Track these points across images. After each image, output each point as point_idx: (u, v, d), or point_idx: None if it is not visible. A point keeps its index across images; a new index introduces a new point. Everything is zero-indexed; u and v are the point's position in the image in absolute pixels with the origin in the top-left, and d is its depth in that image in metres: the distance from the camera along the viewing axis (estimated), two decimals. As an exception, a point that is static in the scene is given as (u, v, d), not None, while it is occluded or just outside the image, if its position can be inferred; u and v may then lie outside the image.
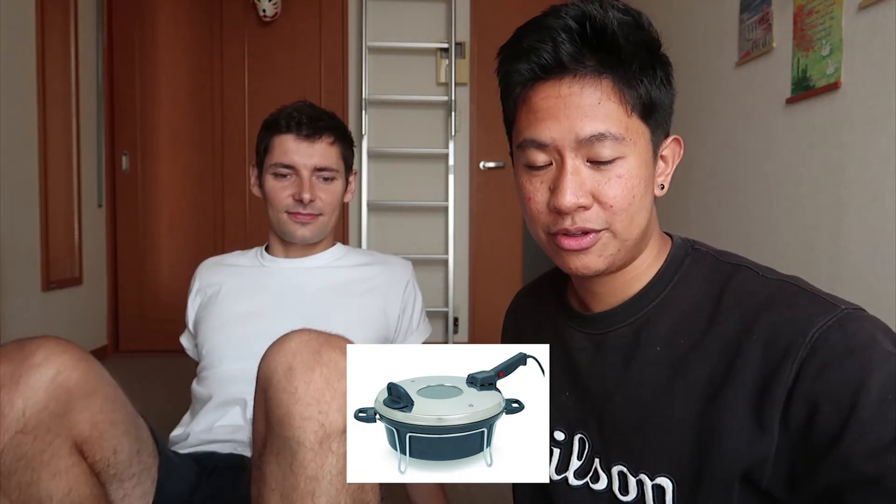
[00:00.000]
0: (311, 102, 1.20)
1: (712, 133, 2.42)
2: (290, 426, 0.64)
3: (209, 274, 1.22)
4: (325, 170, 1.15)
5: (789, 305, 0.54)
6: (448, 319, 3.37)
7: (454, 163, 3.32)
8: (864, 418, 0.47)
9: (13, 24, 2.50)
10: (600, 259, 0.60)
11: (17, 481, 0.68)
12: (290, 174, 1.13)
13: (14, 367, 0.70)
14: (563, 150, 0.58)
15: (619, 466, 0.63)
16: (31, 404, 0.69)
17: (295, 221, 1.14)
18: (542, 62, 0.58)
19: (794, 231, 1.91)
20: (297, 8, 3.35)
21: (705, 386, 0.57)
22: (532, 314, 0.80)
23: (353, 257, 1.24)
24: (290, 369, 0.66)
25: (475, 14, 3.41)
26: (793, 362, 0.51)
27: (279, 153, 1.13)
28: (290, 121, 1.13)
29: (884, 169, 1.54)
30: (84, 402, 0.74)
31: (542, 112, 0.59)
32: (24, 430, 0.68)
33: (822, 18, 1.75)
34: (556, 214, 0.59)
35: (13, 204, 2.48)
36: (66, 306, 2.87)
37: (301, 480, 0.65)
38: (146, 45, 3.31)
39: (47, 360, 0.72)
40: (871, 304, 1.66)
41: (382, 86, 3.38)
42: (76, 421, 0.73)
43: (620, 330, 0.64)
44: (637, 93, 0.58)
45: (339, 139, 1.18)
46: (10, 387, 0.69)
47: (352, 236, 3.43)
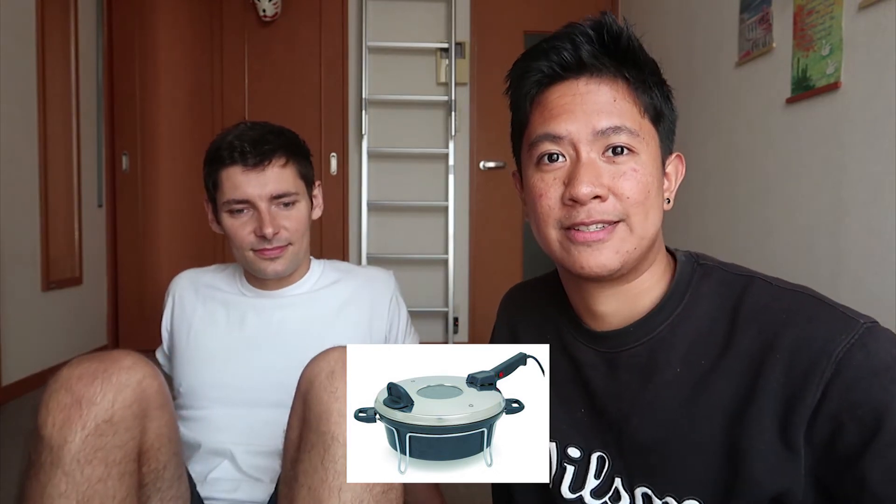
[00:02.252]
0: (252, 122, 1.07)
1: (712, 133, 2.42)
2: (328, 421, 0.69)
3: (185, 292, 1.14)
4: (284, 196, 1.02)
5: (808, 320, 0.54)
6: (448, 319, 3.37)
7: (454, 163, 3.32)
8: (886, 440, 0.49)
9: (13, 24, 2.50)
10: (616, 255, 0.59)
11: (90, 474, 0.70)
12: (246, 208, 1.02)
13: (106, 365, 0.75)
14: (578, 144, 0.59)
15: (643, 488, 0.62)
16: (120, 399, 0.73)
17: (263, 258, 1.03)
18: (562, 60, 0.60)
19: (794, 231, 1.91)
20: (297, 8, 3.35)
21: (728, 406, 0.56)
22: (529, 312, 0.79)
23: (331, 276, 1.15)
24: (332, 373, 0.72)
25: (475, 14, 3.41)
26: (818, 382, 0.51)
27: (229, 188, 1.01)
28: (232, 151, 1.00)
29: (884, 169, 1.54)
30: (156, 412, 0.79)
31: (559, 108, 0.60)
32: (111, 421, 0.72)
33: (822, 18, 1.75)
34: (570, 207, 0.59)
35: (13, 204, 2.48)
36: (66, 306, 2.88)
37: (330, 475, 0.68)
38: (146, 45, 3.32)
39: (135, 365, 0.77)
40: (871, 304, 1.66)
41: (382, 86, 3.38)
42: (147, 428, 0.78)
43: (634, 349, 0.63)
44: (649, 97, 0.61)
45: (292, 157, 1.05)
46: (104, 379, 0.73)
47: (352, 236, 3.43)
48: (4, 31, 2.43)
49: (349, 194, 3.42)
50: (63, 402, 0.71)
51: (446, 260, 3.35)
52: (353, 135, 3.40)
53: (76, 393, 0.72)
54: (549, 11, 3.39)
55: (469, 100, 3.41)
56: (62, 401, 0.72)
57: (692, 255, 0.66)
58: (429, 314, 3.43)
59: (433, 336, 3.44)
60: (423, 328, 3.41)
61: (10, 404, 2.41)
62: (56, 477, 0.69)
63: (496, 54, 3.38)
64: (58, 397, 0.72)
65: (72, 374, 0.74)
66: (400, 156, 3.40)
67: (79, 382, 0.73)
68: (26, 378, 2.55)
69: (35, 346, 2.63)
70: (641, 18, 3.15)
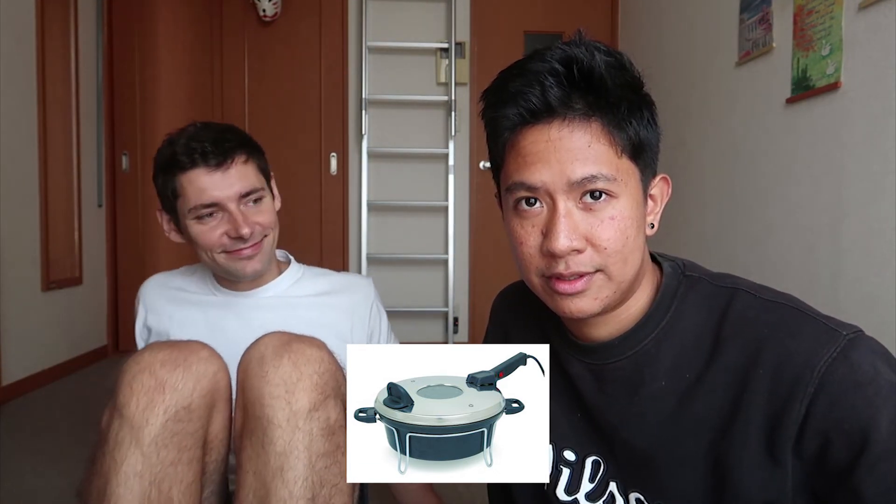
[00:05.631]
0: (203, 123, 1.03)
1: (712, 133, 2.42)
2: (262, 405, 0.72)
3: (155, 298, 1.12)
4: (252, 193, 0.99)
5: (791, 334, 0.54)
6: (448, 319, 3.37)
7: (454, 163, 3.32)
8: (875, 454, 0.49)
9: (13, 24, 2.50)
10: (595, 302, 0.59)
11: (164, 457, 0.73)
12: (215, 212, 0.98)
13: (185, 354, 0.78)
14: (554, 194, 0.57)
15: (637, 493, 0.63)
16: (199, 388, 0.76)
17: (239, 259, 0.99)
18: (530, 106, 0.57)
19: (793, 231, 1.91)
20: (297, 8, 3.35)
21: (714, 419, 0.57)
22: (521, 317, 0.79)
23: (311, 283, 1.12)
24: (262, 357, 0.75)
25: (475, 14, 3.41)
26: (802, 397, 0.51)
27: (194, 194, 0.96)
28: (192, 154, 0.96)
29: (884, 169, 1.54)
30: (223, 405, 0.82)
31: (532, 156, 0.57)
32: (189, 408, 0.75)
33: (822, 18, 1.75)
34: (549, 258, 0.59)
35: (13, 204, 2.48)
36: (66, 306, 2.88)
37: (272, 457, 0.71)
38: (146, 45, 3.32)
39: (211, 357, 0.80)
40: (871, 305, 1.66)
41: (382, 86, 3.38)
42: (215, 420, 0.81)
43: (619, 363, 0.64)
44: (626, 134, 0.57)
45: (251, 153, 1.02)
46: (184, 367, 0.76)
47: (352, 236, 3.43)
48: (4, 31, 2.43)
49: (349, 194, 3.42)
50: (147, 385, 0.74)
51: (446, 260, 3.35)
52: (353, 135, 3.40)
53: (160, 377, 0.75)
54: (549, 11, 3.39)
55: (469, 100, 3.41)
56: (146, 383, 0.74)
57: (679, 265, 0.66)
58: (429, 314, 3.43)
59: (433, 336, 3.44)
60: (423, 328, 3.43)
61: (10, 404, 2.41)
62: (133, 456, 0.72)
63: (496, 54, 3.38)
64: (142, 379, 0.75)
65: (155, 358, 0.76)
66: (400, 156, 3.40)
67: (162, 368, 0.75)
68: (26, 378, 2.55)
69: (35, 346, 2.63)
70: (641, 19, 3.16)
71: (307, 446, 0.71)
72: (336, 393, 0.77)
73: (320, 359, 0.77)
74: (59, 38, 2.84)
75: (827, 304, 1.58)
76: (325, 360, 0.77)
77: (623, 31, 3.37)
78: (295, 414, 0.71)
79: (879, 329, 1.50)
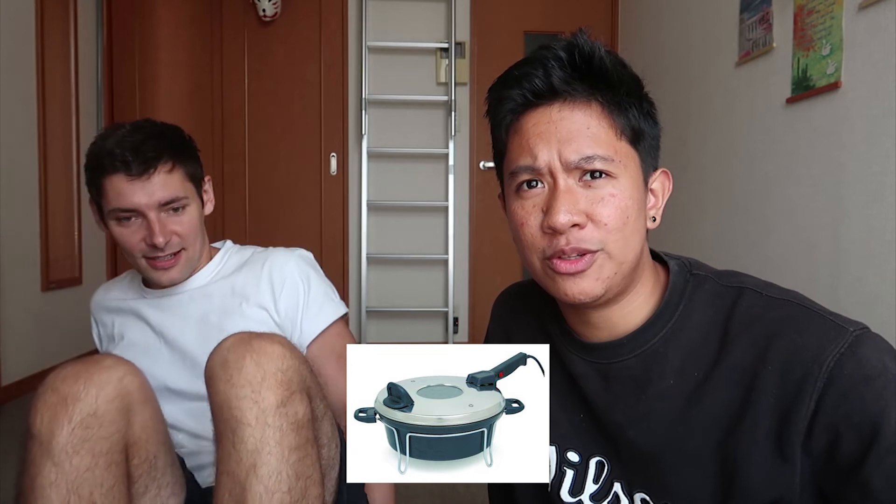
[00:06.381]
0: (133, 124, 1.01)
1: (712, 133, 2.42)
2: (230, 408, 0.73)
3: (100, 311, 1.15)
4: (172, 202, 0.99)
5: (799, 331, 0.55)
6: (448, 319, 3.37)
7: (454, 163, 3.32)
8: (885, 447, 0.49)
9: (13, 24, 2.50)
10: (598, 283, 0.59)
11: (78, 464, 0.75)
12: (134, 216, 0.98)
13: (88, 366, 0.80)
14: (555, 172, 0.59)
15: (642, 494, 0.63)
16: (103, 394, 0.78)
17: (157, 268, 1.01)
18: (533, 87, 0.60)
19: (793, 231, 1.91)
20: (297, 8, 3.35)
21: (722, 417, 0.57)
22: (522, 317, 0.79)
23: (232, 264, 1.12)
24: (225, 361, 0.75)
25: (475, 14, 3.41)
26: (811, 393, 0.52)
27: (114, 197, 0.96)
28: (113, 160, 0.95)
29: (884, 169, 1.54)
30: (139, 408, 0.83)
31: (534, 137, 0.60)
32: (96, 415, 0.76)
33: (822, 18, 1.75)
34: (550, 236, 0.59)
35: (13, 204, 2.48)
36: (66, 306, 2.88)
37: (244, 455, 0.72)
38: (146, 45, 3.32)
39: (115, 364, 0.82)
40: (871, 305, 1.66)
41: (382, 86, 3.38)
42: (132, 422, 0.82)
43: (627, 362, 0.64)
44: (626, 118, 0.60)
45: (179, 160, 1.01)
46: (86, 378, 0.78)
47: (352, 236, 3.43)
48: (4, 31, 2.43)
49: (349, 194, 3.42)
50: (50, 402, 0.76)
51: (446, 260, 3.35)
52: (353, 135, 3.40)
53: (61, 392, 0.77)
54: (549, 11, 3.39)
55: (469, 100, 3.41)
56: (49, 400, 0.77)
57: (685, 263, 0.66)
58: (429, 314, 3.43)
59: (433, 336, 3.44)
60: (423, 328, 3.43)
61: (10, 404, 2.42)
62: (46, 468, 0.74)
63: (496, 54, 3.38)
64: (45, 398, 0.77)
65: (56, 376, 0.79)
66: (400, 156, 3.40)
67: (63, 383, 0.77)
68: (26, 378, 2.55)
69: (35, 346, 2.63)
70: (641, 19, 3.16)
71: (278, 441, 0.72)
72: (301, 387, 0.78)
73: (282, 355, 0.77)
74: (59, 38, 2.84)
75: (827, 304, 1.57)
76: (287, 356, 0.77)
77: (623, 31, 3.38)
78: (263, 412, 0.72)
79: (880, 329, 1.49)
